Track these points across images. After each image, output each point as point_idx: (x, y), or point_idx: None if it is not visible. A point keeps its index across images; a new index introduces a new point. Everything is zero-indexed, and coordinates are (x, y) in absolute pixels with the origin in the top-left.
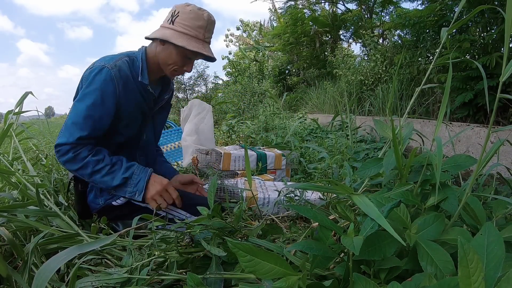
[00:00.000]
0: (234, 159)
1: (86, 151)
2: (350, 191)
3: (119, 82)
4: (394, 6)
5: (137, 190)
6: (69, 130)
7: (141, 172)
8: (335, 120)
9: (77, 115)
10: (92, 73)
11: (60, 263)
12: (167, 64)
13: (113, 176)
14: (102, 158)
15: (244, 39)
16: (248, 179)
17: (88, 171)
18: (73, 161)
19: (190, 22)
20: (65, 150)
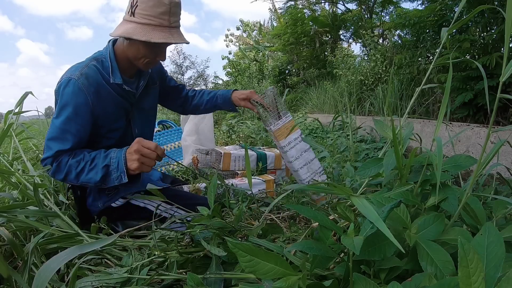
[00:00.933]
0: (234, 159)
1: (66, 156)
2: (350, 192)
3: (90, 90)
4: (394, 6)
5: (120, 171)
6: (49, 145)
7: (117, 154)
8: (335, 120)
9: (54, 131)
10: (61, 88)
11: (60, 263)
12: (138, 59)
13: (96, 170)
14: (81, 158)
15: (244, 39)
16: (249, 179)
17: (73, 174)
18: (58, 171)
19: (151, 11)
20: (49, 162)
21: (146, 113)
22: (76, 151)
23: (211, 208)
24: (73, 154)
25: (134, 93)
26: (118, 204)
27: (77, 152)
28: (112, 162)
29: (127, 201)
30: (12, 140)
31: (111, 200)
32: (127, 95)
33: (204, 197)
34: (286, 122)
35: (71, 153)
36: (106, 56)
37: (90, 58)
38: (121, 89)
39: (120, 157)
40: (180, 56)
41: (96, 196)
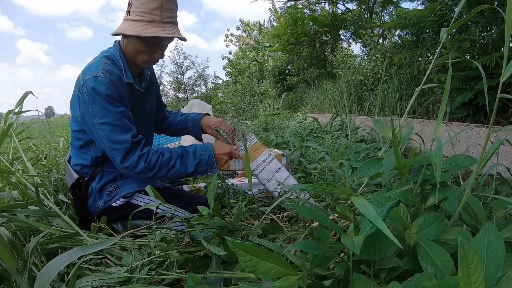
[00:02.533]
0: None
1: (155, 156)
2: (349, 192)
3: (115, 84)
4: (394, 6)
5: (209, 166)
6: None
7: (205, 151)
8: (335, 120)
9: (112, 126)
10: (90, 89)
11: (62, 264)
12: (136, 56)
13: (186, 165)
14: (170, 156)
15: (244, 39)
16: (249, 178)
17: (163, 172)
18: (148, 170)
19: (144, 7)
20: (135, 161)
21: (146, 114)
22: (161, 150)
23: (211, 208)
24: (159, 153)
25: (141, 92)
26: (118, 204)
27: (163, 151)
28: (202, 158)
29: (128, 200)
30: (12, 140)
31: (112, 199)
32: (134, 93)
33: (204, 196)
34: (252, 145)
35: (155, 151)
36: (116, 56)
37: (102, 56)
38: (131, 87)
39: (211, 154)
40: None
41: (97, 196)
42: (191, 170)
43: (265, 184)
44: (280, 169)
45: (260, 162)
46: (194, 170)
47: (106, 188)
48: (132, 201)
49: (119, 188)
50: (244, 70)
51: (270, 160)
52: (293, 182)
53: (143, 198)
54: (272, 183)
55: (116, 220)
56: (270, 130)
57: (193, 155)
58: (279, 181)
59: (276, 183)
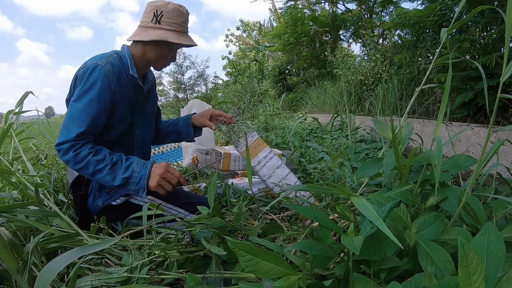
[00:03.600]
0: (234, 159)
1: (86, 150)
2: (349, 193)
3: (113, 77)
4: (394, 6)
5: (140, 187)
6: (68, 128)
7: (141, 170)
8: (335, 120)
9: (74, 113)
10: (87, 72)
11: (62, 264)
12: (158, 59)
13: (114, 176)
14: (102, 158)
15: (244, 39)
16: (249, 178)
17: (89, 171)
18: (74, 161)
19: (176, 20)
20: (66, 148)
21: (147, 117)
22: (97, 149)
23: (211, 207)
24: (93, 151)
25: (143, 91)
26: (118, 203)
27: (98, 150)
28: (134, 176)
29: (127, 199)
30: (12, 140)
31: (112, 198)
32: (137, 91)
33: (204, 196)
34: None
35: (91, 147)
36: (125, 54)
37: (111, 51)
38: (134, 83)
39: (144, 175)
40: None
41: (97, 194)
42: (117, 183)
43: (266, 180)
44: (281, 166)
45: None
46: (121, 184)
47: (106, 187)
48: (132, 200)
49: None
50: (244, 70)
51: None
52: (294, 179)
53: (143, 197)
54: (273, 180)
55: (115, 219)
56: (270, 130)
57: (126, 168)
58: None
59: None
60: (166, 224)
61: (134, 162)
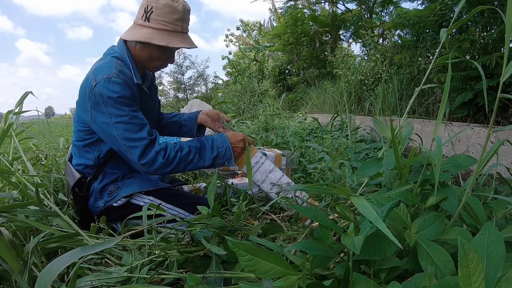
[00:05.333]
0: None
1: (173, 152)
2: (349, 193)
3: (128, 83)
4: (394, 6)
5: (226, 159)
6: (133, 140)
7: (222, 143)
8: (335, 120)
9: (126, 127)
10: (104, 89)
11: (63, 265)
12: (150, 62)
13: (204, 159)
14: (189, 150)
15: (244, 39)
16: (249, 177)
17: (181, 166)
18: (166, 165)
19: (167, 17)
20: (152, 157)
21: (149, 114)
22: (180, 145)
23: (211, 207)
24: (179, 148)
25: (146, 93)
26: (119, 204)
27: (181, 145)
28: (220, 151)
29: (128, 200)
30: (12, 140)
31: (113, 200)
32: (141, 94)
33: (204, 197)
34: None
35: (173, 146)
36: (125, 57)
37: (112, 57)
38: (139, 88)
39: (228, 147)
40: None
41: (98, 196)
42: (208, 164)
43: (260, 185)
44: (273, 170)
45: (253, 164)
46: (212, 164)
47: (107, 188)
48: (132, 201)
49: (120, 189)
50: (244, 70)
51: (262, 162)
52: (287, 181)
53: (143, 198)
54: (267, 184)
55: (116, 219)
56: (270, 130)
57: (211, 148)
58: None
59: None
60: (166, 225)
61: (214, 139)
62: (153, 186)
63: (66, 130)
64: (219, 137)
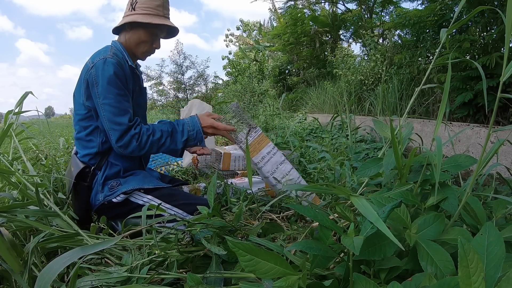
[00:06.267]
0: (234, 159)
1: (145, 135)
2: (349, 193)
3: (122, 65)
4: (394, 6)
5: (198, 140)
6: (116, 123)
7: (193, 126)
8: (335, 120)
9: (112, 110)
10: (99, 69)
11: (63, 265)
12: (138, 46)
13: (176, 142)
14: (160, 135)
15: (244, 39)
16: (249, 177)
17: (154, 150)
18: (139, 149)
19: (149, 3)
20: (127, 140)
21: (141, 109)
22: (152, 130)
23: (211, 207)
24: (151, 133)
25: (139, 81)
26: (118, 200)
27: (153, 130)
28: (191, 134)
29: (127, 198)
30: (12, 140)
31: (113, 195)
32: (135, 80)
33: (204, 198)
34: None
35: (146, 129)
36: (118, 47)
37: (106, 45)
38: (133, 73)
39: (198, 129)
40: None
41: (99, 189)
42: (180, 146)
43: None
44: (284, 161)
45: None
46: (184, 146)
47: (109, 183)
48: (132, 199)
49: (121, 185)
50: (244, 70)
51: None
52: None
53: (143, 196)
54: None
55: (115, 218)
56: (270, 130)
57: (181, 132)
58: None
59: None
60: (165, 225)
61: (185, 123)
62: (153, 185)
63: (66, 130)
64: (190, 120)
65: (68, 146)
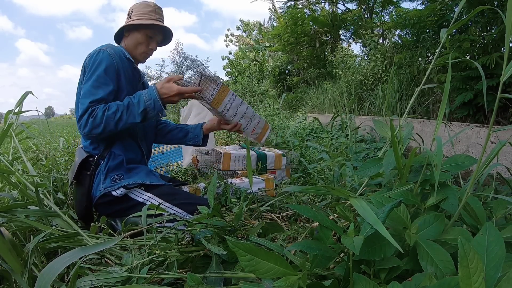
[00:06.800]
0: (234, 159)
1: (100, 111)
2: (348, 194)
3: (115, 57)
4: (394, 6)
5: (157, 110)
6: (82, 102)
7: (150, 96)
8: (335, 120)
9: (86, 90)
10: (92, 57)
11: (63, 265)
12: (135, 48)
13: (133, 115)
14: (116, 109)
15: (244, 39)
16: (249, 176)
17: (111, 125)
18: (95, 125)
19: (142, 10)
20: (85, 120)
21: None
22: (108, 105)
23: (211, 207)
24: (107, 108)
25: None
26: (118, 194)
27: (109, 105)
28: (148, 104)
29: (126, 193)
30: (12, 140)
31: (113, 186)
32: (135, 75)
33: (204, 198)
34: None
35: (104, 106)
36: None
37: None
38: (132, 67)
39: (156, 98)
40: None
41: (101, 179)
42: (140, 119)
43: (231, 119)
44: (242, 103)
45: (227, 102)
46: (143, 118)
47: (111, 175)
48: (131, 195)
49: (123, 179)
50: (244, 70)
51: (234, 98)
52: (251, 110)
53: (143, 194)
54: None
55: (114, 215)
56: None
57: (138, 104)
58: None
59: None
60: (165, 224)
61: (142, 94)
62: (155, 182)
63: (66, 130)
64: (148, 90)
65: (68, 146)
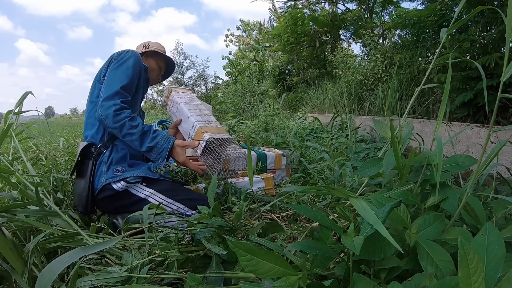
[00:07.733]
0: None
1: (125, 113)
2: (348, 194)
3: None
4: (394, 6)
5: (160, 157)
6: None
7: (164, 142)
8: (335, 120)
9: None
10: (122, 53)
11: (64, 265)
12: (151, 71)
13: (141, 142)
14: (136, 125)
15: (244, 39)
16: (250, 176)
17: (123, 132)
18: (113, 118)
19: (158, 46)
20: (109, 105)
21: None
22: (134, 116)
23: (211, 207)
24: (130, 116)
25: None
26: (118, 187)
27: (134, 117)
28: (158, 146)
29: (127, 188)
30: (12, 140)
31: (114, 178)
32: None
33: (205, 195)
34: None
35: (130, 113)
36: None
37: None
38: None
39: (166, 148)
40: (180, 56)
41: (104, 170)
42: (143, 149)
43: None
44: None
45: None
46: (146, 151)
47: (114, 167)
48: (133, 191)
49: (126, 171)
50: (244, 70)
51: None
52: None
53: (144, 190)
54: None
55: (116, 212)
56: (270, 130)
57: (152, 139)
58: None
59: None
60: (166, 220)
61: (160, 135)
62: (156, 177)
63: (66, 130)
64: (167, 138)
65: (68, 146)
